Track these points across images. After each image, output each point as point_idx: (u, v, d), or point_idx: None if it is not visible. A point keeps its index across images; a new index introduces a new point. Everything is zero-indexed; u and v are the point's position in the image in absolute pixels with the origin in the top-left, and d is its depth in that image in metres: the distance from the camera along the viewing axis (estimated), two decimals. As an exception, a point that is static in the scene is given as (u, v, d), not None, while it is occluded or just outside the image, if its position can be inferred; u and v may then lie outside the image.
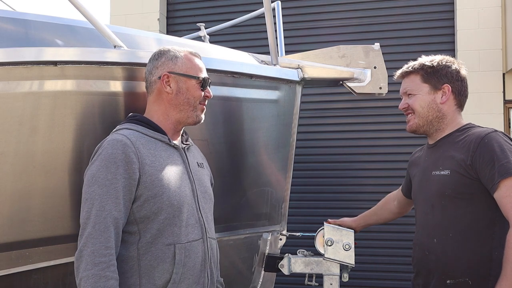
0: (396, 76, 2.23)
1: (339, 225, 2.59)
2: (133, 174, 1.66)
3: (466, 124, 2.11)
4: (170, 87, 1.82)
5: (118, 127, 1.81)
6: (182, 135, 1.94)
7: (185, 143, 1.92)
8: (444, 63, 2.11)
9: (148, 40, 2.30)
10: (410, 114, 2.14)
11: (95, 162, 1.68)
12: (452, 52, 4.91)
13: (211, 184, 2.04)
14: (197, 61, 1.89)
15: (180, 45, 1.95)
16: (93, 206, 1.61)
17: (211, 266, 1.83)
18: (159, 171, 1.71)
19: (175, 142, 1.85)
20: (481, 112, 4.68)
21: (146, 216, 1.68)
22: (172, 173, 1.76)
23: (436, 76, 2.09)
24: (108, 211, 1.61)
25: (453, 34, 4.99)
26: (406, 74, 2.17)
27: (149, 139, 1.77)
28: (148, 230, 1.68)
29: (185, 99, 1.83)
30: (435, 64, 2.10)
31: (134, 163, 1.66)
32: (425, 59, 2.14)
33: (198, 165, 1.93)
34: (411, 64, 2.16)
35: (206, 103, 1.91)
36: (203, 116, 1.90)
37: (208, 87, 1.90)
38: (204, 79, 1.87)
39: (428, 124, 2.11)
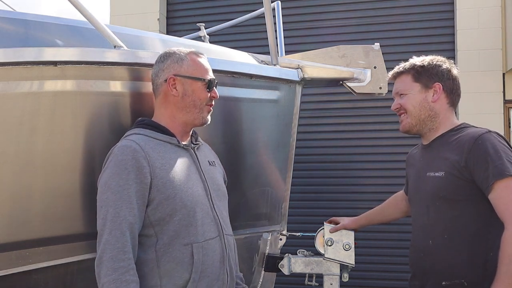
0: (388, 77, 2.25)
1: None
2: (145, 179, 1.68)
3: (460, 124, 2.10)
4: (176, 90, 1.83)
5: (127, 132, 1.82)
6: (192, 135, 1.94)
7: (194, 143, 1.92)
8: (434, 62, 2.12)
9: (153, 41, 2.31)
10: (403, 114, 2.15)
11: (106, 170, 1.70)
12: (452, 52, 4.90)
13: (225, 182, 2.05)
14: (203, 62, 1.89)
15: (180, 45, 1.95)
16: (108, 212, 1.64)
17: (229, 263, 1.84)
18: (170, 173, 1.73)
19: (184, 142, 1.86)
20: (481, 112, 4.68)
21: (161, 218, 1.70)
22: (183, 174, 1.77)
23: (426, 75, 2.10)
24: (123, 217, 1.63)
25: (453, 34, 4.99)
26: (397, 75, 2.18)
27: (158, 142, 1.78)
28: (165, 232, 1.70)
29: (191, 102, 1.84)
30: (425, 63, 2.12)
31: (144, 168, 1.68)
32: (416, 60, 2.16)
33: (210, 164, 1.94)
34: (402, 65, 2.18)
35: (213, 103, 1.90)
36: (209, 117, 1.90)
37: (214, 87, 1.89)
38: (210, 80, 1.86)
39: (420, 123, 2.11)
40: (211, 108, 1.90)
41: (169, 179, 1.72)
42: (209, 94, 1.87)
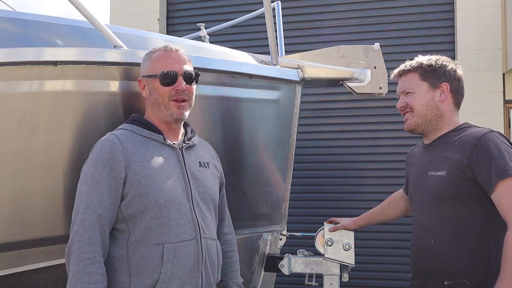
0: (393, 75, 2.21)
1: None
2: (119, 173, 1.69)
3: (463, 124, 2.10)
4: (145, 91, 1.86)
5: (117, 127, 1.83)
6: (185, 134, 1.92)
7: (186, 142, 1.89)
8: (441, 62, 2.11)
9: (154, 41, 2.30)
10: (408, 113, 2.12)
11: (87, 162, 1.74)
12: (452, 52, 4.90)
13: (222, 184, 2.04)
14: (161, 56, 1.82)
15: (180, 45, 1.95)
16: (81, 203, 1.67)
17: (206, 267, 1.81)
18: (147, 170, 1.73)
19: (173, 141, 1.84)
20: (481, 112, 4.67)
21: (133, 214, 1.71)
22: (162, 172, 1.76)
23: (434, 75, 2.08)
24: (93, 209, 1.66)
25: (453, 34, 4.99)
26: (403, 73, 2.15)
27: (142, 138, 1.79)
28: (137, 229, 1.71)
29: (155, 100, 1.83)
30: (433, 62, 2.10)
31: (120, 162, 1.70)
32: (422, 58, 2.14)
33: (201, 165, 1.90)
34: (408, 63, 2.15)
35: (181, 97, 1.80)
36: (183, 111, 1.82)
37: (182, 79, 1.80)
38: (161, 74, 1.79)
39: (426, 122, 2.10)
40: (180, 103, 1.81)
41: (145, 175, 1.72)
42: (168, 89, 1.79)
